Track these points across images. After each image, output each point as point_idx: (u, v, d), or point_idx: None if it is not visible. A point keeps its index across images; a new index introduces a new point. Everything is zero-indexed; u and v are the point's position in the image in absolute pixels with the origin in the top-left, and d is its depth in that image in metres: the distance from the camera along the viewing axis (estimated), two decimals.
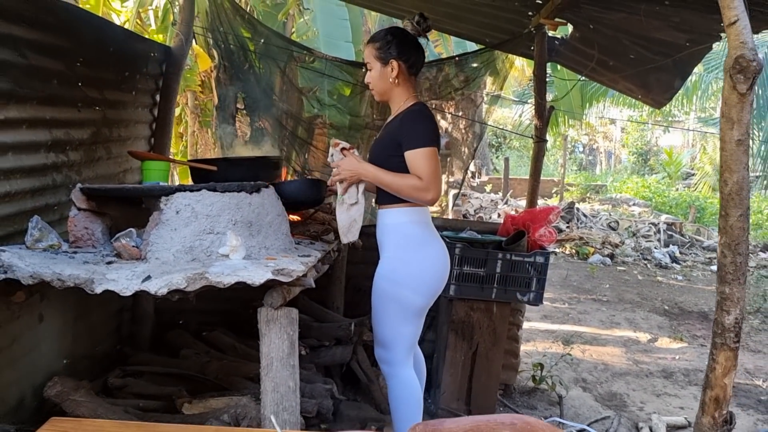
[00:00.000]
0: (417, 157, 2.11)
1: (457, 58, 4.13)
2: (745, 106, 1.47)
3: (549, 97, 11.33)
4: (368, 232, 3.30)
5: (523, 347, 4.69)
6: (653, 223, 9.72)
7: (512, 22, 3.49)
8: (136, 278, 1.74)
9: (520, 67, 11.37)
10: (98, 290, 1.72)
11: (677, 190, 14.52)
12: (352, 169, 2.22)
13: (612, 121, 23.84)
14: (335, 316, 3.40)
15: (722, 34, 2.86)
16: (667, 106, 14.99)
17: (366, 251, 3.24)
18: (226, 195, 1.99)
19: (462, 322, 3.27)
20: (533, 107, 3.92)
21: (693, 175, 15.19)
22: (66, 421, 1.24)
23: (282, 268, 1.82)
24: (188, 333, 3.20)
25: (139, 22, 5.72)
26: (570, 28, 3.29)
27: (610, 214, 10.51)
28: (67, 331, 2.73)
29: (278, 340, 1.88)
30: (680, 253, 8.97)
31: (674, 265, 8.48)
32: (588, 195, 14.38)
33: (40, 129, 2.33)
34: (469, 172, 15.39)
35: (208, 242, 1.94)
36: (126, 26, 5.11)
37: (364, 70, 2.42)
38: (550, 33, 3.51)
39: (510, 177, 13.98)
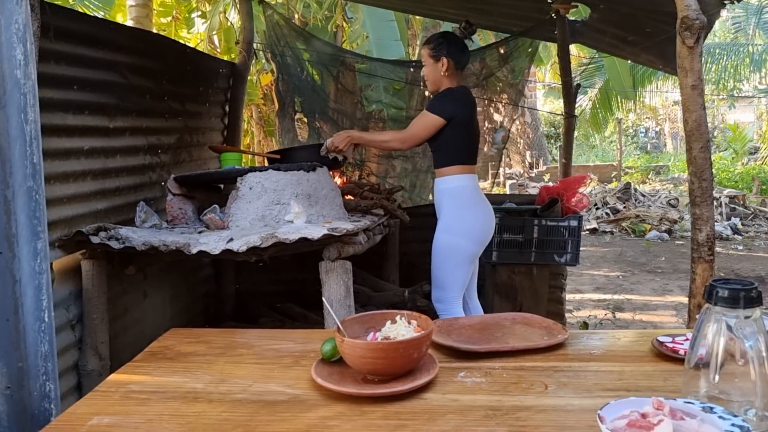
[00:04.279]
0: (417, 116, 2.73)
1: (496, 47, 4.40)
2: (694, 56, 1.80)
3: (600, 81, 11.21)
4: (416, 212, 3.72)
5: (575, 313, 4.96)
6: (715, 198, 9.60)
7: (534, 10, 3.83)
8: (221, 241, 2.22)
9: (576, 56, 11.43)
10: (194, 251, 2.22)
11: (743, 164, 14.09)
12: (343, 137, 2.83)
13: (675, 102, 23.21)
14: (391, 286, 3.82)
15: (725, 1, 3.09)
16: (731, 81, 14.33)
17: (416, 230, 3.65)
18: (288, 173, 2.46)
19: (505, 285, 3.62)
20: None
21: (759, 149, 14.70)
22: (184, 330, 1.71)
23: (335, 227, 2.27)
24: (264, 306, 3.71)
25: (211, 45, 6.55)
26: (585, 10, 3.59)
27: (670, 192, 10.44)
28: (166, 309, 3.28)
29: (336, 286, 2.32)
30: (742, 224, 8.89)
31: (736, 236, 8.44)
32: (648, 176, 14.18)
33: (138, 135, 2.89)
34: (526, 162, 15.52)
35: (276, 211, 2.42)
36: (199, 48, 5.85)
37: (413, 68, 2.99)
38: (570, 17, 3.81)
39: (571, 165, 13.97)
